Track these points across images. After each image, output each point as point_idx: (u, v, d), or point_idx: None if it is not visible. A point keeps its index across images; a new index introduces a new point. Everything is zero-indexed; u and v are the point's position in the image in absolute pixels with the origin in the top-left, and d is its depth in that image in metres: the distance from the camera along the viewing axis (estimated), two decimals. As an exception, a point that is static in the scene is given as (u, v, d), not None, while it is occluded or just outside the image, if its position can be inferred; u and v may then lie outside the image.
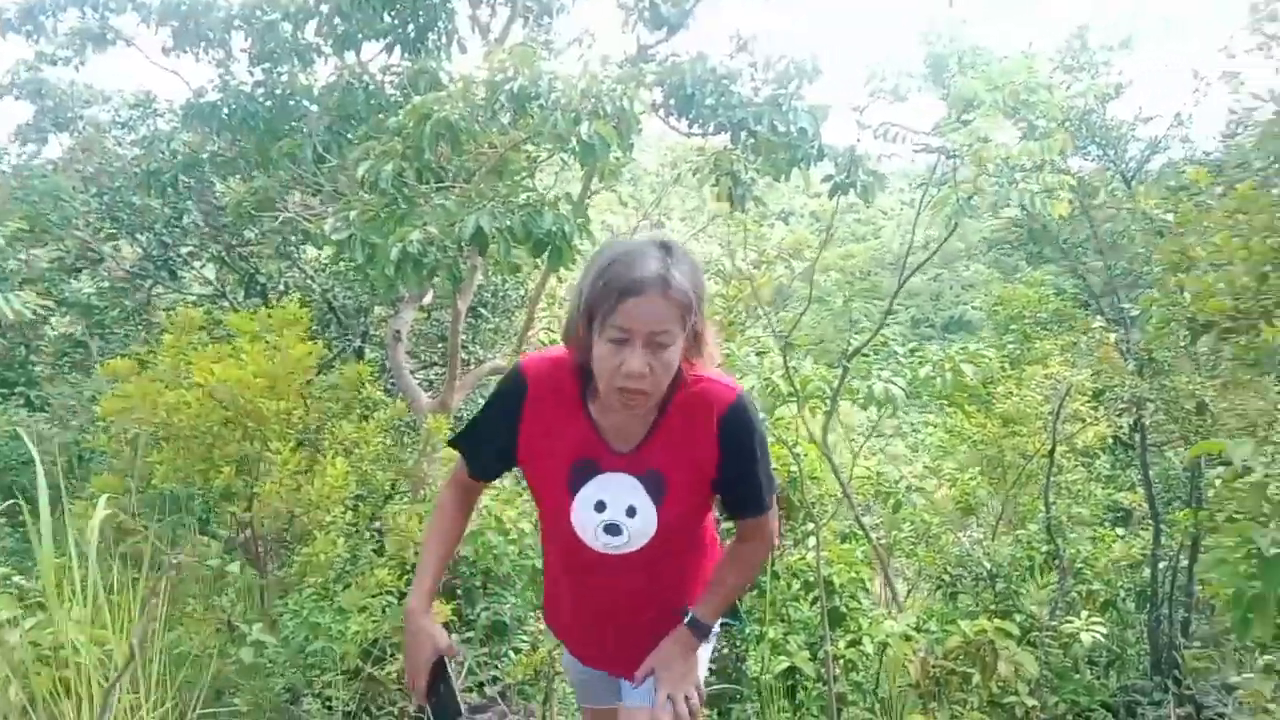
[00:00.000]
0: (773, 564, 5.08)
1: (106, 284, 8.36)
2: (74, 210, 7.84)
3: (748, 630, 4.90)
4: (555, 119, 4.23)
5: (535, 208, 4.31)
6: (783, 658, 4.66)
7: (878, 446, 6.11)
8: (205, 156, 6.91)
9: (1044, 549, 5.18)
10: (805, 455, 5.32)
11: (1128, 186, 7.85)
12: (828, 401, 4.79)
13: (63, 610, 3.27)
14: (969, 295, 17.84)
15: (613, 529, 1.77)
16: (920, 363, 4.37)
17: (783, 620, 4.95)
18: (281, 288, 8.09)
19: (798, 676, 4.81)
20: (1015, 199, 3.98)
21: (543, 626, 4.10)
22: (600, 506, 1.75)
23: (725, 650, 5.39)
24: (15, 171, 8.59)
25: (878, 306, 5.33)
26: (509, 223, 4.22)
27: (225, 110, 6.35)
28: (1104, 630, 4.51)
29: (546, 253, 4.42)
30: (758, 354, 5.69)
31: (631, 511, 1.75)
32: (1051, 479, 5.28)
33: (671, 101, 5.22)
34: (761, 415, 4.96)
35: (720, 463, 1.74)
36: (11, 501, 3.89)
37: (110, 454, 4.50)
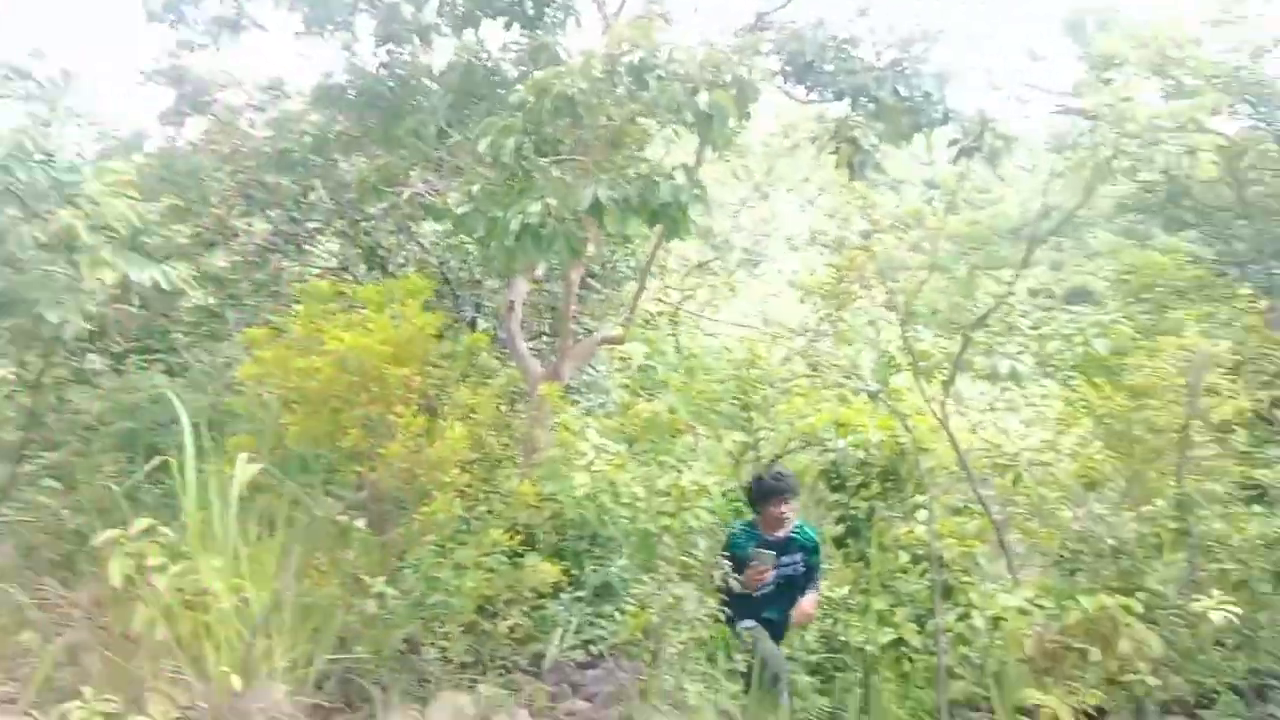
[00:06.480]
0: (879, 535, 5.03)
1: (239, 258, 8.81)
2: (211, 189, 8.29)
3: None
4: (673, 90, 4.22)
5: (651, 179, 4.33)
6: (889, 629, 4.61)
7: (989, 420, 5.89)
8: (332, 136, 7.18)
9: (1173, 526, 4.94)
10: (915, 426, 5.21)
11: (1280, 149, 7.28)
12: (945, 373, 4.68)
13: (204, 559, 3.53)
14: (1092, 264, 16.75)
15: None
16: (1049, 337, 4.18)
17: (888, 591, 4.90)
18: (400, 261, 8.37)
19: (904, 648, 4.75)
20: (1158, 161, 3.73)
21: (652, 589, 4.16)
22: None
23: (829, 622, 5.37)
24: (160, 154, 9.12)
25: (995, 276, 5.14)
26: (626, 194, 4.24)
27: (351, 92, 6.57)
28: (1237, 610, 4.29)
29: (662, 223, 4.45)
30: (870, 324, 5.60)
31: None
32: (1185, 455, 5.02)
33: (789, 69, 5.15)
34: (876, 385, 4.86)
35: None
36: (161, 459, 4.17)
37: (246, 416, 4.79)
